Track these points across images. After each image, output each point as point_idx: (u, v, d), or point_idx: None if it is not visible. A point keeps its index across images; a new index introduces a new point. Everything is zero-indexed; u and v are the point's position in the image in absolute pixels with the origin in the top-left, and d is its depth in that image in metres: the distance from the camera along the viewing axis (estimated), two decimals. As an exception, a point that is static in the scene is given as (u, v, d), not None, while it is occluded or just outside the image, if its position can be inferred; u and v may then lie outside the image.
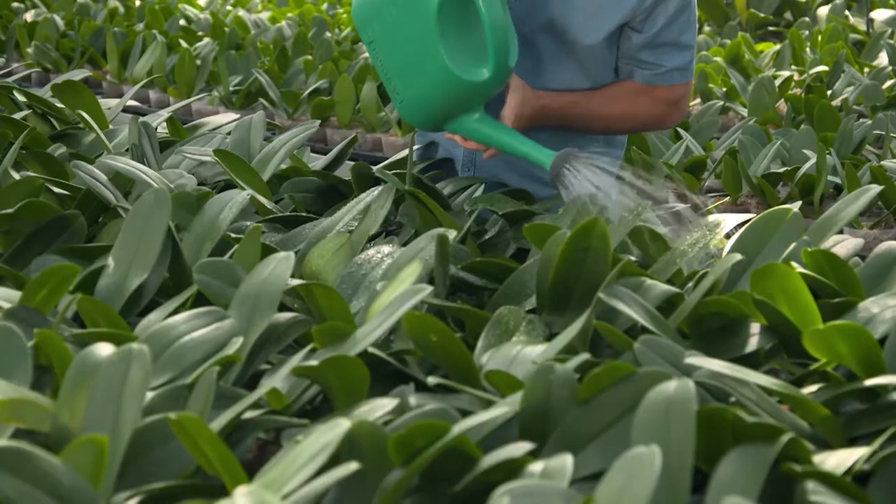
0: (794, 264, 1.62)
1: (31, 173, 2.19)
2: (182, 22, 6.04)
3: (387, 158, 2.73)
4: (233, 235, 1.95)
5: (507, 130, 2.30)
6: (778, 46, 5.42)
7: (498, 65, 2.20)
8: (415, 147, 2.66)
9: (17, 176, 2.13)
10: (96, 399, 1.27)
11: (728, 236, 1.87)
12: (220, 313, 1.53)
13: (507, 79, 2.27)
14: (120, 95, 5.10)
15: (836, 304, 1.59)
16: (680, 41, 2.44)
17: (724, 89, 4.88)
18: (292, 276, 1.64)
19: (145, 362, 1.28)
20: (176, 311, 1.60)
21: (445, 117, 2.30)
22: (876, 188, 1.93)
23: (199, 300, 1.67)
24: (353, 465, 1.11)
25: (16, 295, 1.60)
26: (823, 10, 6.38)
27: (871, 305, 1.57)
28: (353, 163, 2.41)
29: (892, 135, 3.94)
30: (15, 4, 6.42)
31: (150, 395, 1.34)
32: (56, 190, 2.16)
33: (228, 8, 6.68)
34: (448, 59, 2.19)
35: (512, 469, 1.18)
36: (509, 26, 2.24)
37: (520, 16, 2.39)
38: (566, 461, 1.15)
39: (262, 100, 4.88)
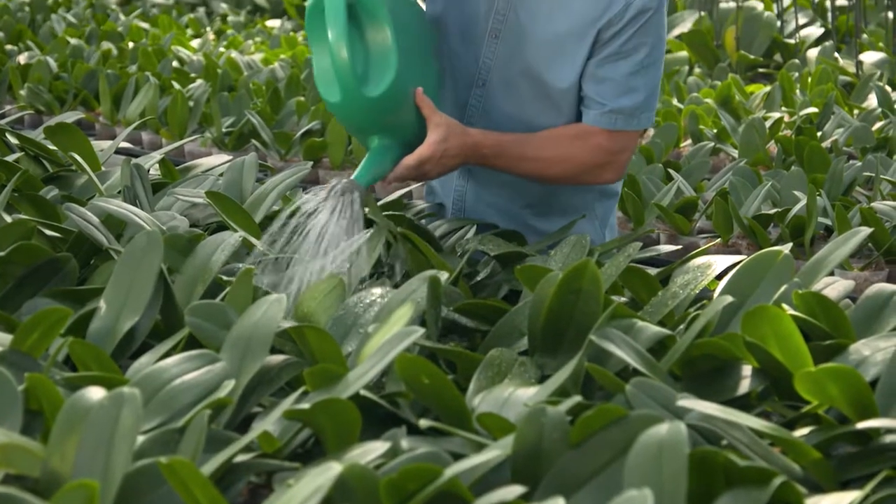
0: (785, 306, 1.62)
1: (23, 216, 2.19)
2: (175, 63, 6.06)
3: (379, 200, 2.73)
4: (224, 278, 1.95)
5: (372, 160, 2.27)
6: (768, 88, 5.45)
7: (345, 89, 2.18)
8: (408, 188, 2.67)
9: (8, 219, 2.13)
10: (87, 443, 1.27)
11: (719, 278, 1.88)
12: (211, 356, 1.53)
13: (376, 108, 2.23)
14: (113, 137, 5.11)
15: (828, 347, 1.60)
16: (629, 82, 2.38)
17: (715, 130, 4.90)
18: (284, 318, 1.64)
19: (136, 406, 1.28)
20: (168, 354, 1.60)
21: (356, 131, 2.33)
22: (866, 230, 1.94)
23: (191, 342, 1.67)
24: (344, 510, 1.11)
25: (7, 338, 1.60)
26: (813, 53, 6.42)
27: (862, 348, 1.57)
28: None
29: (881, 176, 3.95)
30: (8, 47, 6.44)
31: (141, 438, 1.34)
32: (48, 232, 2.15)
33: (221, 49, 6.71)
34: (316, 73, 2.21)
35: (504, 512, 1.18)
36: (372, 54, 2.22)
37: (502, 61, 2.42)
38: (558, 504, 1.15)
39: (254, 141, 4.89)
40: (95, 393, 1.33)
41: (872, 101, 5.22)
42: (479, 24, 2.44)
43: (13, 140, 2.77)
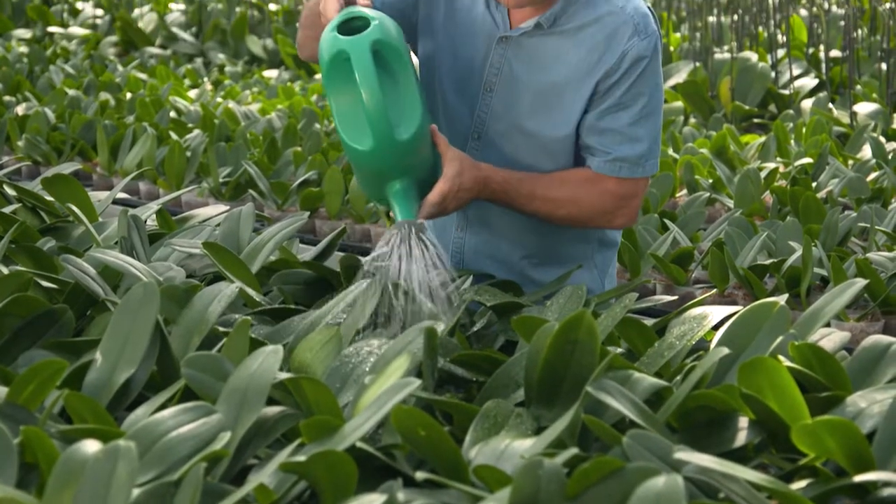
0: (781, 358, 1.62)
1: (19, 267, 2.19)
2: (172, 114, 6.09)
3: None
4: (221, 329, 1.94)
5: (400, 201, 2.27)
6: (763, 138, 5.47)
7: (378, 135, 2.18)
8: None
9: (5, 270, 2.13)
10: (83, 497, 1.26)
11: (715, 328, 1.88)
12: (207, 408, 1.53)
13: (405, 151, 2.23)
14: (110, 187, 5.11)
15: (824, 399, 1.60)
16: (631, 132, 2.40)
17: (711, 181, 4.91)
18: (281, 369, 1.64)
19: (132, 459, 1.28)
20: (164, 406, 1.59)
21: (369, 186, 2.33)
22: (862, 282, 1.94)
23: (188, 394, 1.66)
24: (340, 564, 1.11)
25: (3, 391, 1.60)
26: (807, 103, 6.46)
27: (858, 400, 1.57)
28: (342, 254, 2.41)
29: (876, 227, 3.97)
30: (7, 98, 6.47)
31: (136, 491, 1.33)
32: (45, 284, 2.16)
33: (219, 100, 6.74)
34: (339, 122, 2.21)
35: (501, 567, 1.17)
36: (399, 97, 2.22)
37: (497, 114, 2.44)
38: (555, 559, 1.15)
39: (251, 191, 4.91)
40: (91, 446, 1.32)
41: (867, 151, 5.24)
42: (474, 77, 2.46)
43: (10, 191, 2.78)
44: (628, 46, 2.36)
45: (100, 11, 9.99)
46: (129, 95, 6.65)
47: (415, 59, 2.45)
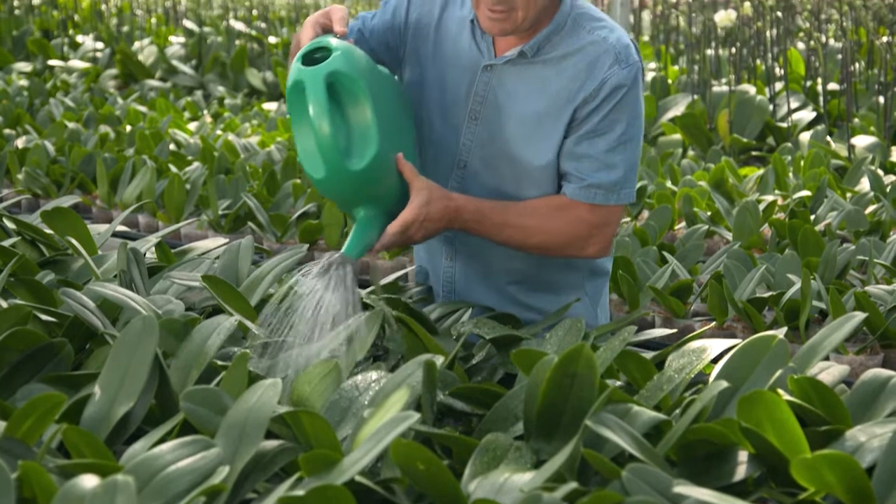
0: (780, 391, 1.62)
1: (18, 301, 2.19)
2: (172, 146, 6.10)
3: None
4: (220, 363, 1.94)
5: (360, 231, 2.31)
6: (761, 171, 5.48)
7: (329, 165, 2.22)
8: (404, 271, 2.69)
9: (4, 304, 2.14)
10: (80, 531, 1.26)
11: (714, 361, 1.88)
12: (206, 442, 1.53)
13: (360, 181, 2.26)
14: (109, 220, 5.12)
15: (824, 433, 1.59)
16: (607, 158, 2.41)
17: (709, 213, 4.92)
18: (279, 402, 1.64)
19: (130, 494, 1.27)
20: (162, 440, 1.59)
21: (342, 204, 2.36)
22: (861, 315, 1.94)
23: (186, 428, 1.66)
24: None
25: (1, 425, 1.59)
26: (805, 136, 6.47)
27: (858, 434, 1.57)
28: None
29: (875, 260, 3.97)
30: (7, 131, 6.48)
31: (134, 526, 1.33)
32: (44, 317, 2.16)
33: (218, 132, 6.75)
34: (299, 150, 2.25)
35: None
36: (354, 129, 2.26)
37: (482, 142, 2.48)
38: None
39: (250, 223, 4.91)
40: (89, 481, 1.32)
41: (865, 184, 5.25)
42: (460, 107, 2.49)
43: (10, 225, 2.78)
44: (608, 74, 2.40)
45: (100, 45, 10.02)
46: (128, 128, 6.66)
47: (397, 85, 2.48)
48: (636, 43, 2.48)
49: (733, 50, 7.52)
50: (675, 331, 2.49)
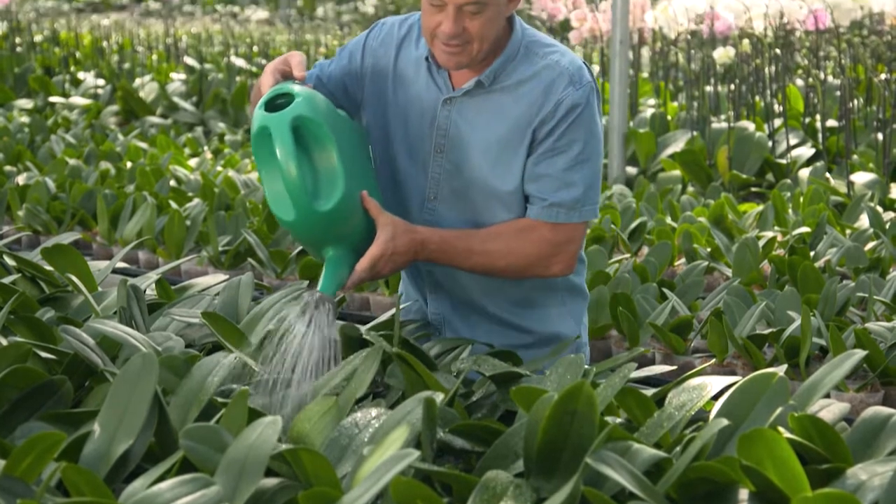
0: (781, 429, 1.62)
1: (18, 338, 2.19)
2: (172, 183, 6.11)
3: (375, 318, 2.75)
4: (220, 400, 1.94)
5: (331, 271, 2.36)
6: (761, 207, 5.48)
7: (298, 207, 2.27)
8: (402, 306, 2.71)
9: (4, 341, 2.14)
10: (79, 569, 1.26)
11: (715, 398, 1.88)
12: (205, 480, 1.52)
13: (329, 221, 2.32)
14: (110, 257, 5.13)
15: (825, 471, 1.59)
16: (566, 177, 2.49)
17: (709, 249, 4.92)
18: (279, 440, 1.64)
19: (130, 531, 1.27)
20: (162, 478, 1.59)
21: (309, 251, 2.42)
22: (861, 353, 1.94)
23: (186, 466, 1.66)
24: None
25: (0, 463, 1.59)
26: (805, 172, 6.48)
27: (859, 472, 1.56)
28: (341, 322, 2.42)
29: (875, 297, 3.97)
30: (8, 168, 6.49)
31: (133, 564, 1.32)
32: (43, 354, 2.16)
33: (219, 168, 6.76)
34: (267, 194, 2.30)
35: None
36: (320, 170, 2.32)
37: (450, 174, 2.55)
38: None
39: (250, 260, 4.91)
40: (88, 518, 1.32)
41: (864, 221, 5.26)
42: (424, 141, 2.56)
43: (10, 262, 2.79)
44: (563, 95, 2.48)
45: (101, 81, 10.06)
46: (129, 164, 6.68)
47: (356, 127, 2.55)
48: (588, 65, 2.57)
49: (732, 87, 7.54)
50: (675, 367, 2.49)
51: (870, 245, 4.81)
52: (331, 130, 2.32)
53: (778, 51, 7.78)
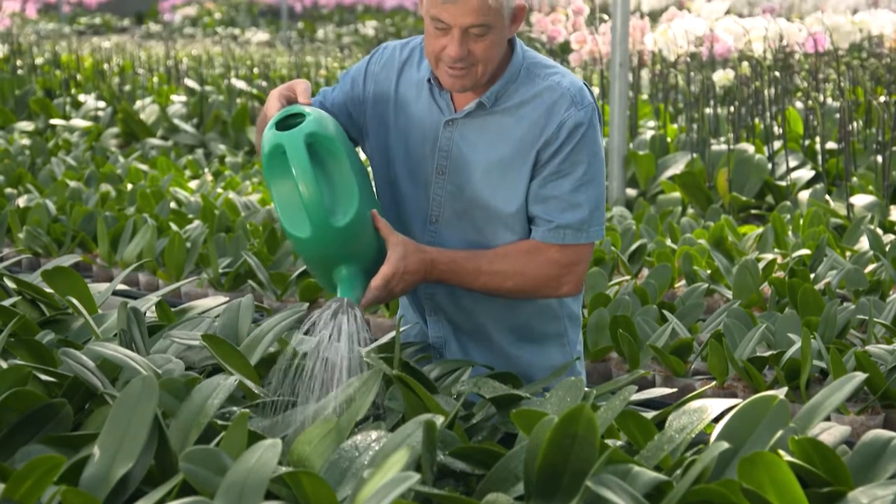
0: (781, 452, 1.62)
1: (18, 361, 2.19)
2: (173, 205, 6.11)
3: (375, 340, 2.75)
4: (220, 422, 1.94)
5: (345, 287, 2.37)
6: (761, 229, 5.48)
7: (315, 223, 2.29)
8: (402, 329, 2.71)
9: (4, 364, 2.14)
10: None
11: (715, 420, 1.87)
12: (205, 503, 1.52)
13: (344, 237, 2.33)
14: (110, 279, 5.13)
15: (825, 494, 1.59)
16: (572, 198, 2.50)
17: (709, 271, 4.92)
18: (279, 462, 1.63)
19: (129, 555, 1.27)
20: (162, 501, 1.59)
21: (317, 273, 2.44)
22: (861, 376, 1.94)
23: (186, 489, 1.66)
24: None
25: (0, 487, 1.59)
26: (804, 195, 6.48)
27: (860, 496, 1.56)
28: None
29: (875, 319, 3.96)
30: (8, 190, 6.50)
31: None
32: (43, 377, 2.15)
33: (219, 191, 6.77)
34: (280, 212, 2.32)
35: None
36: (334, 186, 2.33)
37: (451, 195, 2.56)
38: None
39: (250, 282, 4.91)
40: (88, 542, 1.31)
41: (864, 243, 5.25)
42: (426, 163, 2.58)
43: (10, 284, 2.79)
44: (566, 116, 2.49)
45: (102, 104, 10.07)
46: (129, 186, 6.68)
47: (361, 153, 2.59)
48: (589, 86, 2.59)
49: (732, 109, 7.55)
50: (675, 390, 2.49)
51: (870, 267, 4.81)
52: (344, 147, 2.34)
53: (777, 73, 7.80)
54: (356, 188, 2.33)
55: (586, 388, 2.10)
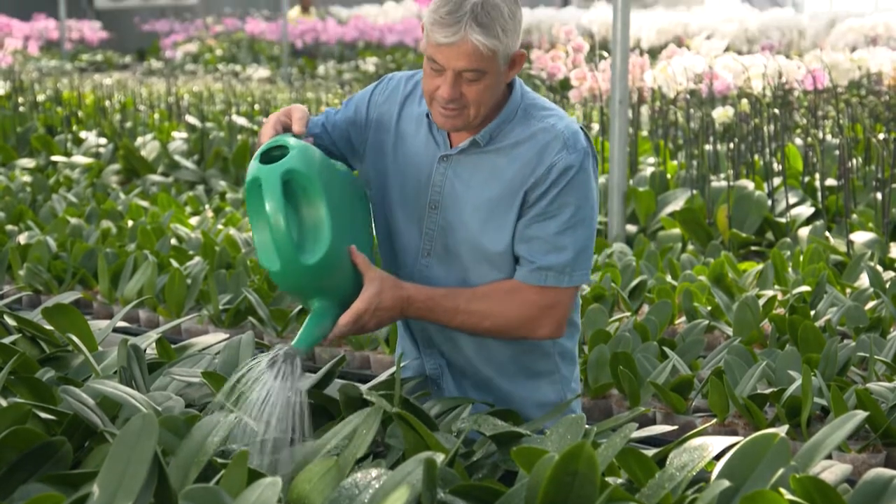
0: (782, 491, 1.62)
1: (18, 399, 2.19)
2: (173, 241, 6.12)
3: (375, 376, 2.76)
4: (219, 460, 1.94)
5: (313, 322, 2.40)
6: (761, 266, 5.48)
7: (283, 259, 2.31)
8: (403, 364, 2.71)
9: (4, 402, 2.13)
10: None
11: (717, 458, 1.87)
12: (205, 542, 1.52)
13: (313, 275, 2.36)
14: (110, 315, 5.12)
15: (827, 532, 1.58)
16: (556, 241, 2.51)
17: (709, 308, 4.92)
18: (279, 500, 1.63)
19: None
20: (160, 540, 1.58)
21: (297, 295, 2.47)
22: (862, 414, 1.94)
23: (185, 528, 1.65)
24: None
25: (-1, 523, 1.58)
26: (804, 231, 6.49)
27: (861, 534, 1.56)
28: (342, 381, 2.43)
29: (875, 357, 3.96)
30: (9, 227, 6.50)
31: None
32: (43, 415, 2.15)
33: (220, 227, 6.77)
34: (256, 244, 2.35)
35: None
36: (307, 225, 2.37)
37: (443, 231, 2.58)
38: None
39: (251, 318, 4.91)
40: (87, 581, 1.31)
41: (864, 280, 5.25)
42: (420, 197, 2.60)
43: (11, 322, 2.79)
44: (556, 159, 2.50)
45: (103, 140, 10.09)
46: (130, 223, 6.69)
47: (353, 180, 2.60)
48: (585, 130, 2.61)
49: (731, 145, 7.57)
50: (676, 427, 2.49)
51: (870, 304, 4.81)
52: (322, 185, 2.36)
53: (777, 110, 7.82)
54: (329, 228, 2.36)
55: (587, 426, 2.10)
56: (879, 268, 5.46)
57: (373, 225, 2.65)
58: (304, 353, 2.33)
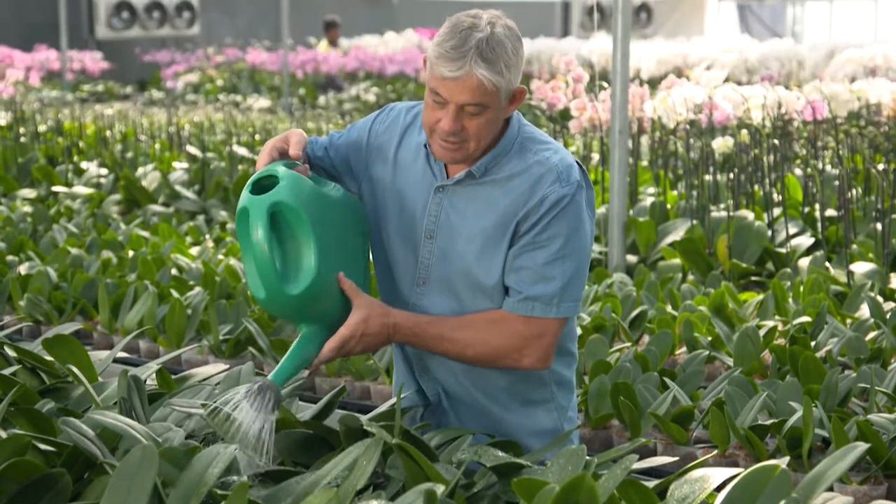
0: (783, 523, 1.61)
1: (18, 430, 2.19)
2: (174, 271, 6.12)
3: (375, 407, 2.76)
4: (219, 492, 1.93)
5: (300, 347, 2.45)
6: (761, 296, 5.48)
7: (268, 288, 2.37)
8: (403, 395, 2.71)
9: (4, 434, 2.13)
10: None
11: (718, 489, 1.87)
12: (204, 574, 1.51)
13: (298, 304, 2.41)
14: (110, 346, 5.12)
15: (828, 565, 1.58)
16: (544, 271, 2.52)
17: (710, 338, 4.92)
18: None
19: None
20: (160, 572, 1.58)
21: (285, 320, 2.55)
22: (863, 446, 1.93)
23: (184, 560, 1.65)
24: None
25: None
26: (804, 262, 6.49)
27: (862, 566, 1.55)
28: (342, 412, 2.43)
29: (876, 388, 3.95)
30: (10, 258, 6.51)
31: None
32: (42, 447, 2.15)
33: (220, 257, 6.78)
34: (245, 271, 2.42)
35: None
36: (293, 255, 2.41)
37: (439, 260, 2.61)
38: None
39: (251, 349, 4.91)
40: None
41: (865, 311, 5.25)
42: (416, 225, 2.63)
43: (11, 353, 2.79)
44: (549, 191, 2.53)
45: (104, 170, 10.10)
46: (131, 253, 6.69)
47: (348, 207, 2.62)
48: (581, 165, 2.62)
49: (731, 176, 7.59)
50: (676, 458, 2.48)
51: (871, 335, 4.80)
52: (309, 217, 2.40)
53: (776, 141, 7.84)
54: (315, 260, 2.40)
55: (587, 457, 2.10)
56: (880, 298, 5.46)
57: (370, 251, 2.68)
58: (279, 388, 2.36)
